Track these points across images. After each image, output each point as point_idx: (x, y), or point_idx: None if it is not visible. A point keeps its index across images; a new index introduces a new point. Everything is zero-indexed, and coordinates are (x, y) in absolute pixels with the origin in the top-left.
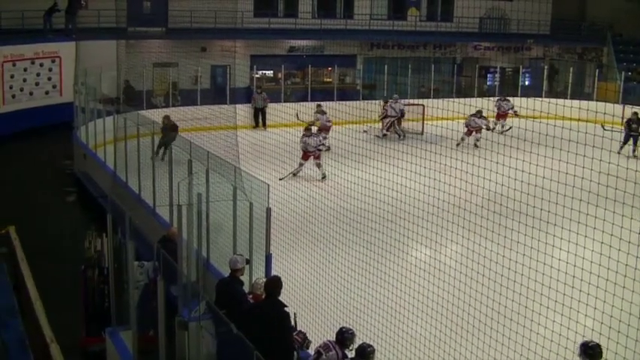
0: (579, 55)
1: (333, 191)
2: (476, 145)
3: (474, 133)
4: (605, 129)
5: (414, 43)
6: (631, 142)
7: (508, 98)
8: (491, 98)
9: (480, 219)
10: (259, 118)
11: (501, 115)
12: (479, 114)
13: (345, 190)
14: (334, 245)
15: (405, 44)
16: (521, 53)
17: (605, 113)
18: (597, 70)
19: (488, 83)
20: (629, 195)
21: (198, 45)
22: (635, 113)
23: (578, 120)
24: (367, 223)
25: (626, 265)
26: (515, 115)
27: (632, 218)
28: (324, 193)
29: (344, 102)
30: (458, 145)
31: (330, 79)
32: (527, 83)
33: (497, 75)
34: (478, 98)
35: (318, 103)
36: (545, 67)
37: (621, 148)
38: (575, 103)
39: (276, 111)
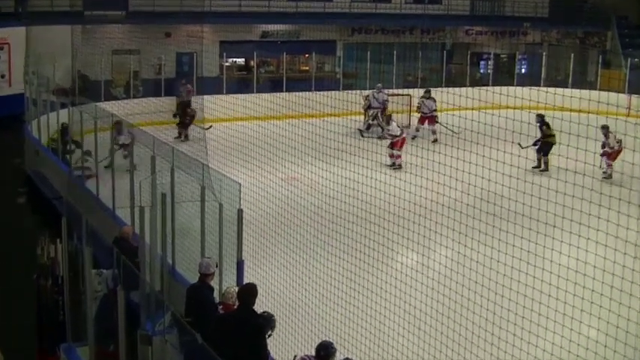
0: (581, 40)
1: (311, 191)
2: (435, 140)
3: (426, 123)
4: (522, 147)
5: (400, 27)
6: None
7: (433, 96)
8: (484, 87)
9: (473, 220)
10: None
11: (427, 118)
12: (428, 94)
13: (323, 189)
14: (312, 250)
15: (390, 29)
16: (516, 38)
17: (608, 104)
18: (600, 57)
19: (480, 71)
20: (635, 193)
21: (162, 30)
22: (540, 115)
23: (579, 111)
24: (349, 226)
25: (633, 270)
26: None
27: (638, 219)
28: (300, 193)
29: (322, 92)
30: (414, 138)
31: (308, 68)
32: (523, 71)
33: (490, 62)
34: (470, 88)
35: (117, 120)
36: (544, 53)
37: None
38: (577, 92)
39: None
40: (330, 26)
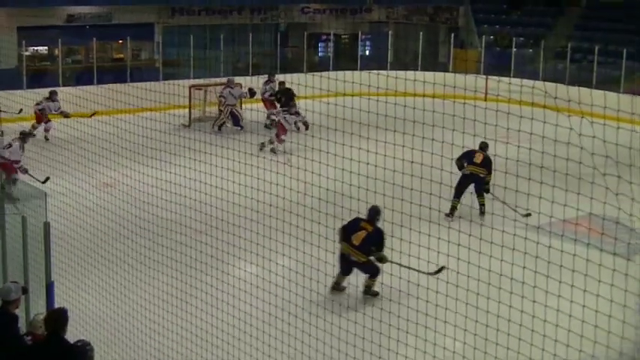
0: (430, 17)
1: (127, 197)
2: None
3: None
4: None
5: (226, 7)
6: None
7: (56, 97)
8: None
9: (318, 226)
10: None
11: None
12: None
13: (142, 195)
14: (134, 268)
15: (215, 9)
16: (359, 16)
17: (465, 89)
18: (452, 35)
19: (319, 54)
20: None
21: None
22: (282, 83)
23: (434, 96)
24: (173, 237)
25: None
26: (64, 115)
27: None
28: (116, 202)
29: (139, 84)
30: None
31: (122, 55)
32: (367, 53)
33: (330, 44)
34: (309, 74)
35: None
36: (390, 32)
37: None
38: (429, 75)
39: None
40: (147, 7)
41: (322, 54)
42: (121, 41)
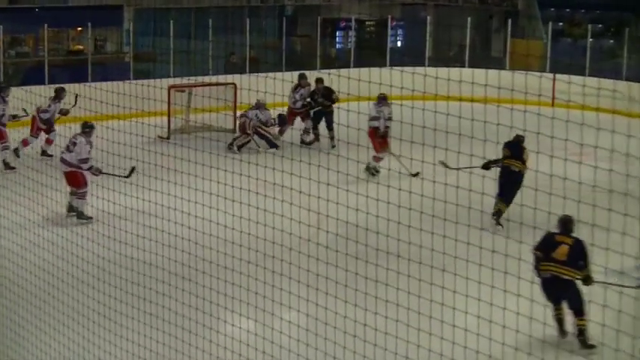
0: None
1: (89, 232)
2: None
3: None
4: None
5: None
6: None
7: (64, 94)
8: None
9: (335, 270)
10: None
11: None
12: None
13: (108, 229)
14: (95, 323)
15: None
16: None
17: (526, 92)
18: (509, 22)
19: (337, 46)
20: None
21: None
22: (320, 80)
23: (485, 101)
24: (147, 283)
25: None
26: (63, 114)
27: None
28: (74, 237)
29: (104, 84)
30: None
31: (82, 47)
32: (399, 44)
33: (351, 32)
34: (323, 70)
35: None
36: (428, 17)
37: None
38: (480, 74)
39: None
40: None
41: (341, 46)
42: (80, 29)
